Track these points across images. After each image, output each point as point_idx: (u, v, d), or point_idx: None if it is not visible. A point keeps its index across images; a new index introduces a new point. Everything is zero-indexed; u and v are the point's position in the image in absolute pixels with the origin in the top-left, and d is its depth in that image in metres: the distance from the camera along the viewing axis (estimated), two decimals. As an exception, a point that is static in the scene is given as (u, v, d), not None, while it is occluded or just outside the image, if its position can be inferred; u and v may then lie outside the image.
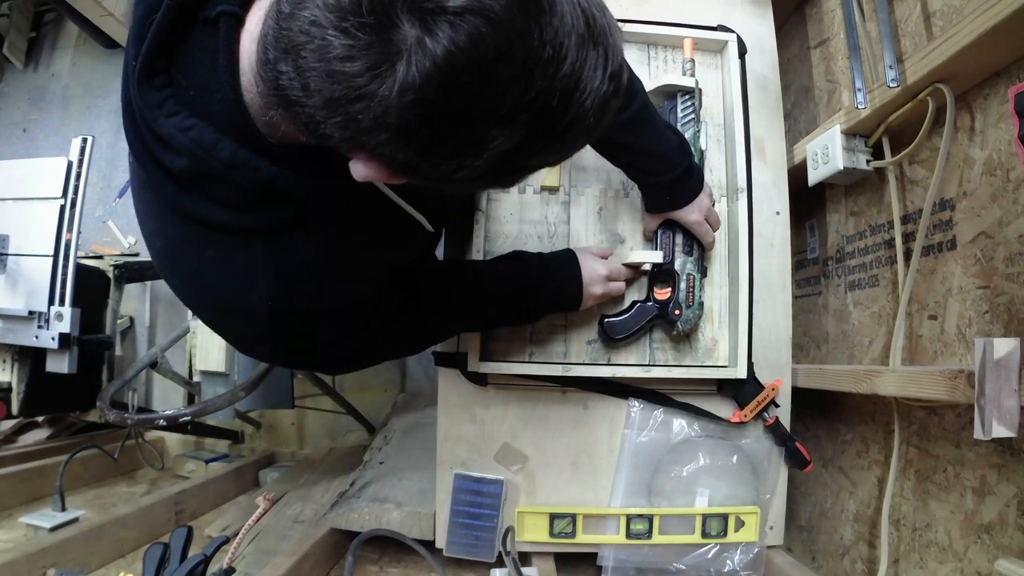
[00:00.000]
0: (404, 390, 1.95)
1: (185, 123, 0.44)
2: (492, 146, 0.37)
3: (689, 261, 0.85)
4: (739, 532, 0.87)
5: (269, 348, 0.60)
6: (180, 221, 0.49)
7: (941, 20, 0.75)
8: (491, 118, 0.36)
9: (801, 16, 1.12)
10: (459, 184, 0.42)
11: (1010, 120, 0.62)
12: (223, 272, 0.51)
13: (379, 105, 0.34)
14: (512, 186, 0.51)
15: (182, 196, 0.47)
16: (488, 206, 0.88)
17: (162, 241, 0.53)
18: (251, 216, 0.48)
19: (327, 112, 0.36)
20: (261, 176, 0.45)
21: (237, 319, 0.54)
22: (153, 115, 0.44)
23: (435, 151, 0.38)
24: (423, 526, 0.94)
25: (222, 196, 0.46)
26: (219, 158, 0.44)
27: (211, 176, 0.45)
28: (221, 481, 1.41)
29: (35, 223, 1.26)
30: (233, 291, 0.51)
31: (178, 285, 0.56)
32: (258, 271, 0.50)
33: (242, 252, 0.49)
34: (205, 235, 0.49)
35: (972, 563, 0.69)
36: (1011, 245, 0.65)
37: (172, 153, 0.44)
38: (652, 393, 0.90)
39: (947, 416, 0.75)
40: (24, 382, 1.28)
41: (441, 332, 0.78)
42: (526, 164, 0.42)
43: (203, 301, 0.56)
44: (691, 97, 0.88)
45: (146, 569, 0.70)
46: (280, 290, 0.51)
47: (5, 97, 2.47)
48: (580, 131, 0.40)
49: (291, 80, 0.36)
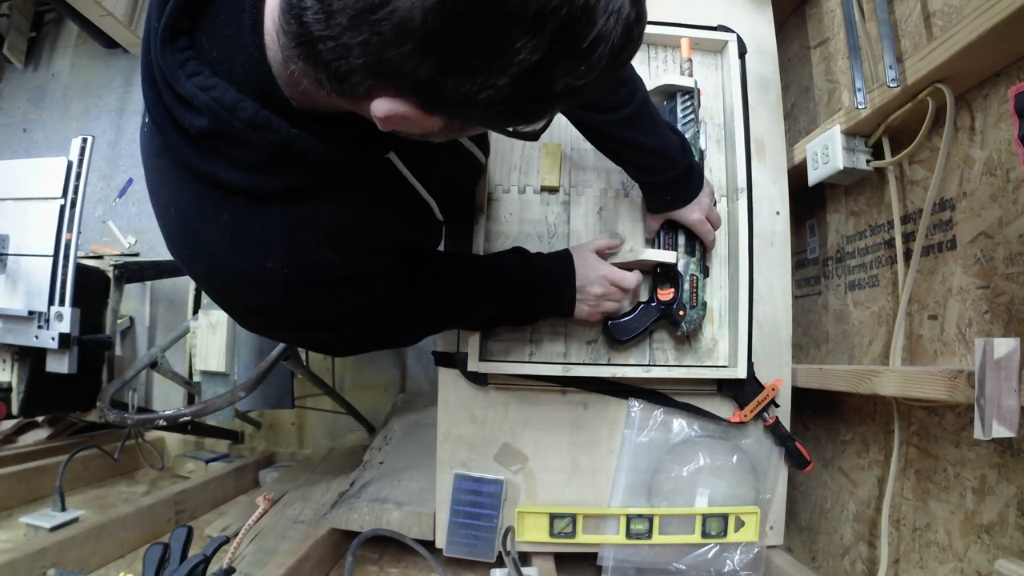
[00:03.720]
0: (404, 390, 1.95)
1: (207, 82, 0.44)
2: (517, 60, 0.37)
3: (692, 262, 0.85)
4: (739, 532, 0.87)
5: (280, 323, 0.58)
6: (196, 187, 0.49)
7: (941, 20, 0.75)
8: (515, 23, 0.35)
9: (801, 16, 1.12)
10: (480, 115, 0.41)
11: (1010, 120, 0.62)
12: (239, 239, 0.50)
13: (403, 6, 0.34)
14: (538, 129, 0.49)
15: (200, 158, 0.47)
16: (488, 206, 0.88)
17: (176, 210, 0.52)
18: (270, 180, 0.47)
19: (352, 32, 0.36)
20: (282, 137, 0.45)
21: (250, 290, 0.53)
22: (175, 75, 0.44)
23: (459, 63, 0.37)
24: (423, 526, 0.94)
25: (241, 158, 0.46)
26: (241, 117, 0.44)
27: (231, 136, 0.45)
28: (221, 481, 1.41)
29: (35, 223, 1.26)
30: (248, 259, 0.50)
31: (190, 257, 0.54)
32: (274, 237, 0.49)
33: (259, 218, 0.49)
34: (221, 200, 0.48)
35: (972, 563, 0.69)
36: (1011, 245, 0.65)
37: (193, 112, 0.44)
38: (652, 393, 0.90)
39: (947, 416, 0.75)
40: (24, 382, 1.28)
41: (446, 318, 0.77)
42: (550, 88, 0.41)
43: (216, 272, 0.54)
44: (690, 97, 0.88)
45: (146, 569, 0.70)
46: (296, 258, 0.50)
47: (5, 97, 2.47)
48: (604, 52, 0.39)
49: (315, 14, 0.36)
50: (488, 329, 0.86)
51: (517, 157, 0.92)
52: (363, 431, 1.80)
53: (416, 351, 1.98)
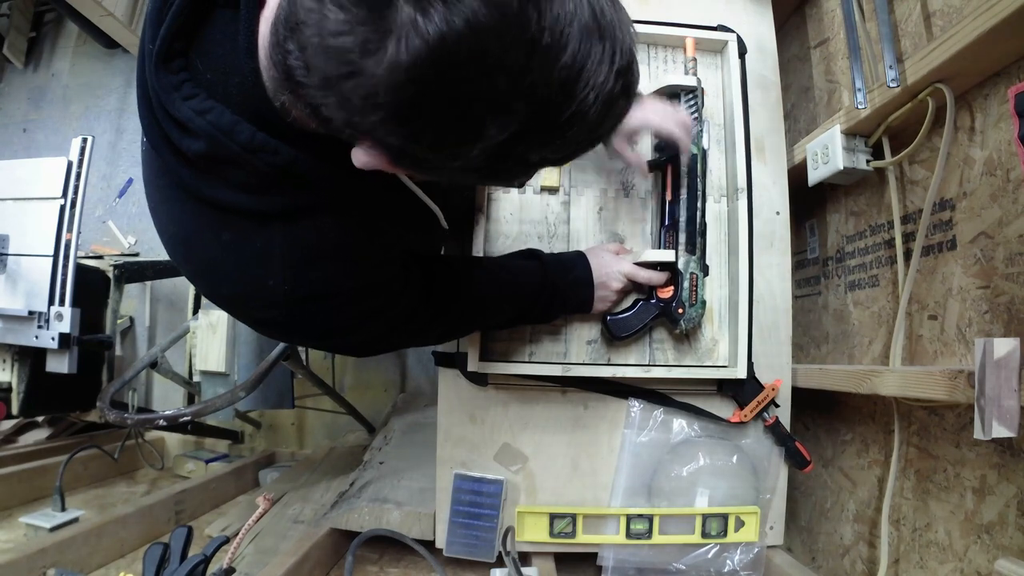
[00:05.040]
0: (404, 390, 1.95)
1: (203, 105, 0.44)
2: (487, 135, 0.36)
3: (692, 260, 0.85)
4: (739, 532, 0.87)
5: (287, 333, 0.59)
6: (196, 207, 0.49)
7: (941, 20, 0.75)
8: (484, 104, 0.35)
9: (801, 16, 1.12)
10: (457, 175, 0.41)
11: (1010, 120, 0.62)
12: (240, 257, 0.50)
13: (369, 82, 0.34)
14: (516, 183, 0.50)
15: (198, 181, 0.47)
16: (488, 206, 0.88)
17: (177, 228, 0.52)
18: (269, 199, 0.47)
19: (324, 92, 0.36)
20: (280, 159, 0.45)
21: (254, 304, 0.53)
22: (170, 98, 0.44)
23: (428, 137, 0.37)
24: (423, 526, 0.94)
25: (239, 180, 0.46)
26: (238, 141, 0.44)
27: (229, 159, 0.45)
28: (221, 481, 1.41)
29: (35, 223, 1.26)
30: (250, 277, 0.50)
31: (194, 273, 0.55)
32: (275, 255, 0.49)
33: (259, 236, 0.49)
34: (221, 220, 0.48)
35: (972, 563, 0.69)
36: (1011, 245, 0.65)
37: (190, 137, 0.44)
38: (652, 393, 0.90)
39: (947, 416, 0.75)
40: (24, 382, 1.28)
41: (460, 323, 0.76)
42: (525, 159, 0.41)
43: (219, 289, 0.55)
44: (694, 96, 0.88)
45: (146, 569, 0.70)
46: (298, 275, 0.50)
47: (5, 97, 2.47)
48: (582, 128, 0.39)
49: (296, 59, 0.36)
50: (505, 329, 0.86)
51: (517, 157, 0.92)
52: (363, 431, 1.80)
53: (416, 351, 1.98)
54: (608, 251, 0.84)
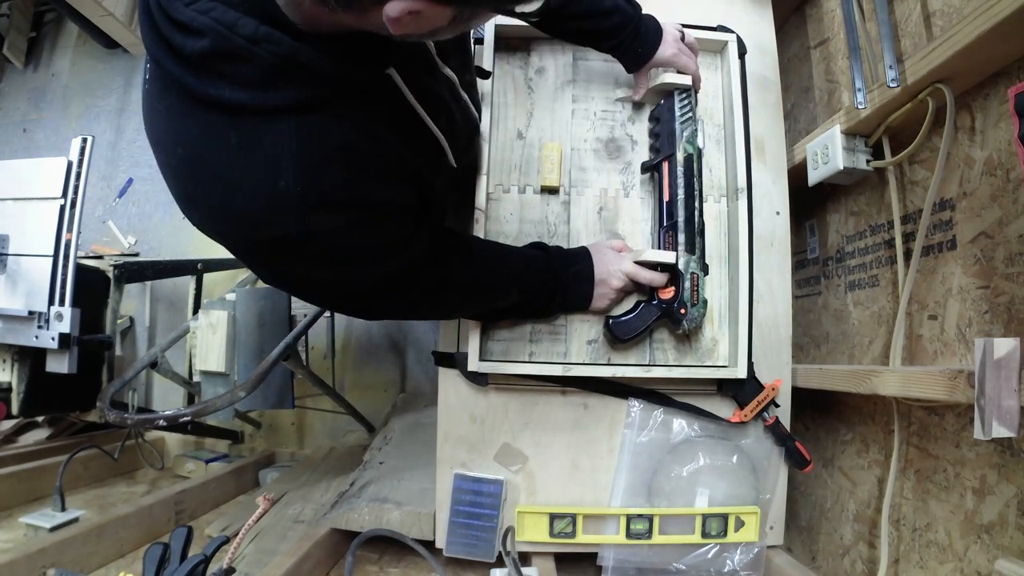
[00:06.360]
0: (404, 390, 1.95)
1: (206, 5, 0.45)
2: None
3: (692, 260, 0.85)
4: (739, 532, 0.87)
5: (304, 258, 0.55)
6: (202, 116, 0.49)
7: (941, 20, 0.75)
8: None
9: (801, 16, 1.12)
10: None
11: (1010, 120, 0.62)
12: (249, 160, 0.49)
13: None
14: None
15: (203, 82, 0.47)
16: (488, 206, 0.88)
17: (183, 148, 0.51)
18: (275, 94, 0.47)
19: None
20: (284, 49, 0.45)
21: (267, 219, 0.51)
22: (173, 5, 0.45)
23: None
24: (423, 526, 0.94)
25: (244, 75, 0.46)
26: (241, 34, 0.44)
27: (233, 54, 0.45)
28: (221, 481, 1.41)
29: (35, 223, 1.26)
30: (260, 180, 0.50)
31: (203, 195, 0.53)
32: (284, 154, 0.49)
33: (268, 135, 0.48)
34: (228, 122, 0.48)
35: (972, 563, 0.69)
36: (1011, 245, 0.65)
37: (193, 36, 0.45)
38: (652, 393, 0.90)
39: (947, 416, 0.75)
40: (24, 382, 1.28)
41: (470, 294, 0.76)
42: None
43: (230, 204, 0.52)
44: (688, 95, 0.88)
45: (146, 569, 0.70)
46: (308, 175, 0.50)
47: (5, 97, 2.47)
48: None
49: None
50: (506, 319, 0.86)
51: (517, 157, 0.92)
52: (363, 431, 1.80)
53: (416, 351, 1.98)
54: (611, 248, 0.85)
